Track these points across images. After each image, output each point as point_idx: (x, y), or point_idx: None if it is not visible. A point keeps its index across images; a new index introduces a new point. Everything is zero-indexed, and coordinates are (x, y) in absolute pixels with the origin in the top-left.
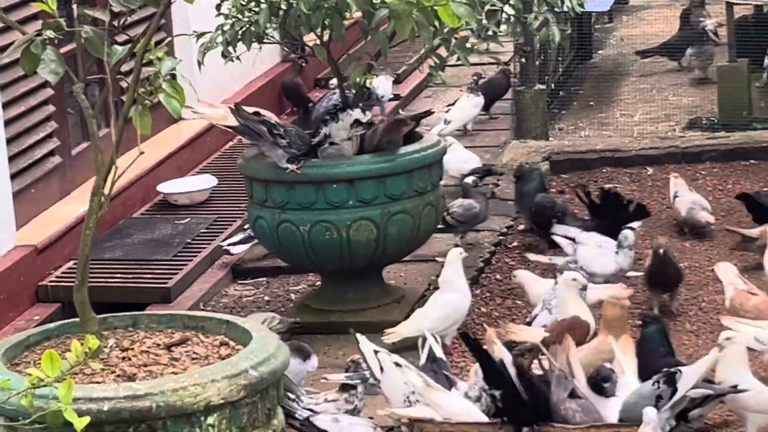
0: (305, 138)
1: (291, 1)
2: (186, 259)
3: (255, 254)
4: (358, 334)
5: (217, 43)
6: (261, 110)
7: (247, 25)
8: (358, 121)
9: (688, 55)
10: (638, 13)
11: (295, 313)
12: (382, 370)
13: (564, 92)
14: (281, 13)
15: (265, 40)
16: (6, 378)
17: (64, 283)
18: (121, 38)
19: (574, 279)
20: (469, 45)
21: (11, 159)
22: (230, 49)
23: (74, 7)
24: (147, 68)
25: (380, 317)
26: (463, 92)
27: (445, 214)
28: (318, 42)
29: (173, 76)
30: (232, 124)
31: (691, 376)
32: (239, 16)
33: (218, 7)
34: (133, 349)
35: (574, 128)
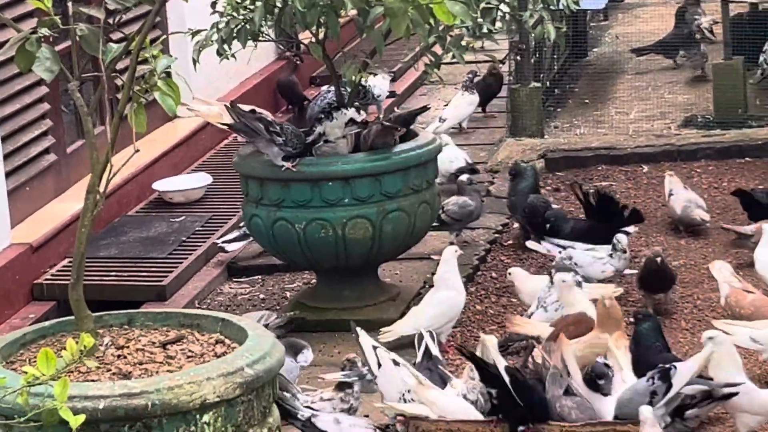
0: (301, 136)
1: None
2: (181, 257)
3: (250, 252)
4: (359, 328)
5: (212, 41)
6: (257, 108)
7: (243, 23)
8: (352, 120)
9: (680, 56)
10: (633, 11)
11: (290, 311)
12: (379, 366)
13: (559, 90)
14: (276, 10)
15: (261, 38)
16: (1, 376)
17: (60, 281)
18: (116, 36)
19: (564, 280)
20: (464, 43)
21: (6, 157)
22: (225, 46)
23: (69, 4)
24: (142, 66)
25: (376, 315)
26: (458, 90)
27: (441, 211)
28: (313, 40)
29: (168, 74)
30: (228, 122)
31: (685, 372)
32: (234, 13)
33: (213, 4)
34: (128, 347)
35: (570, 126)
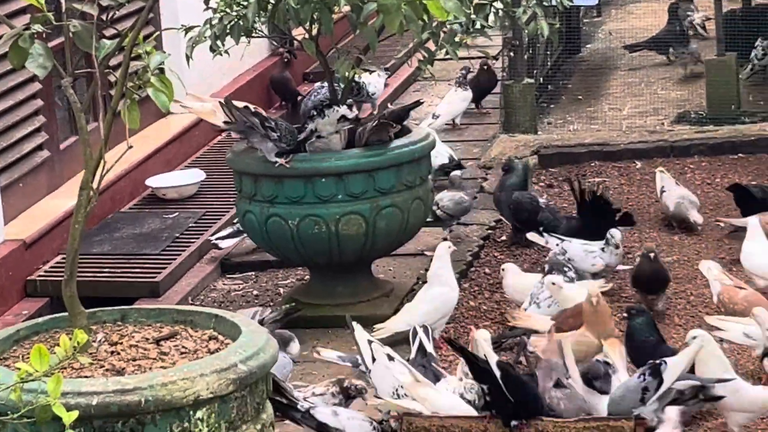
0: (294, 132)
1: None
2: (174, 253)
3: (244, 248)
4: (355, 323)
5: (205, 37)
6: (250, 105)
7: (236, 19)
8: (344, 117)
9: (671, 54)
10: (627, 7)
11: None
12: (374, 360)
13: (552, 86)
14: (270, 7)
15: (254, 34)
16: None
17: (53, 278)
18: (109, 32)
19: (554, 283)
20: (457, 39)
21: None
22: (219, 43)
23: (62, 1)
24: (135, 62)
25: (369, 311)
26: (452, 86)
27: (435, 207)
28: (307, 36)
29: (162, 70)
30: (219, 123)
31: (676, 367)
32: (228, 10)
33: (207, 1)
34: (121, 344)
35: (563, 122)
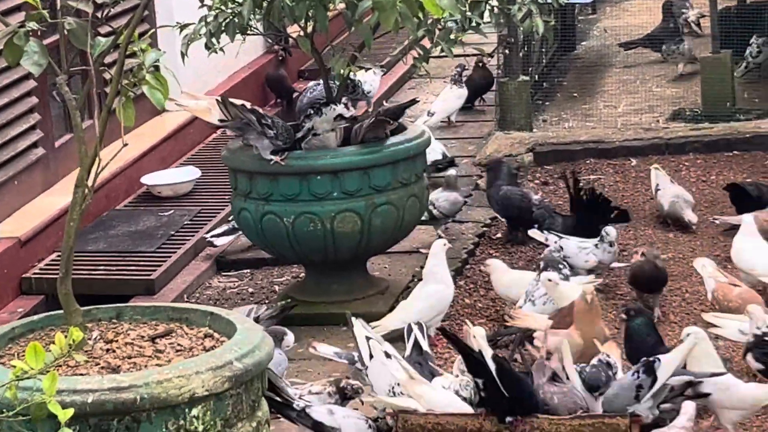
0: (291, 131)
1: None
2: (170, 251)
3: (239, 246)
4: (354, 318)
5: (200, 35)
6: (247, 103)
7: (231, 17)
8: (341, 116)
9: (663, 51)
10: (621, 4)
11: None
12: (371, 357)
13: (548, 83)
14: (265, 4)
15: (249, 32)
16: None
17: (48, 275)
18: (104, 30)
19: (550, 279)
20: (453, 36)
21: None
22: (214, 40)
23: None
24: (130, 60)
25: (364, 309)
26: (447, 84)
27: (431, 207)
28: (302, 33)
29: (157, 68)
30: (214, 121)
31: (669, 364)
32: (223, 7)
33: None
34: (117, 341)
35: (558, 119)
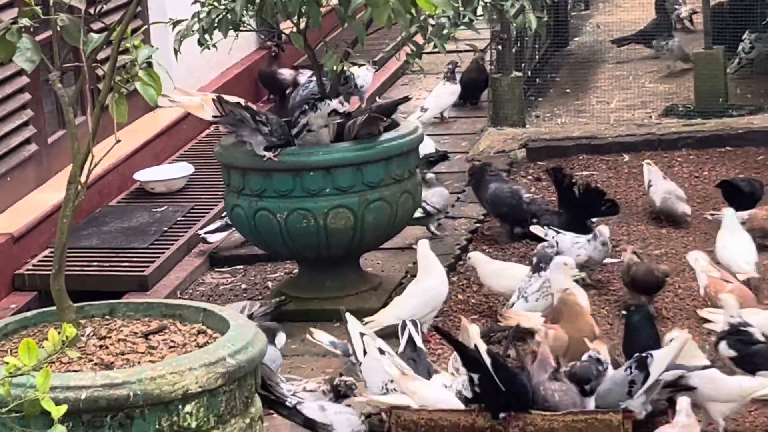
0: (285, 127)
1: None
2: (163, 247)
3: (232, 242)
4: (348, 314)
5: (193, 31)
6: (241, 100)
7: (224, 13)
8: (335, 111)
9: (654, 47)
10: (614, 0)
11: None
12: (365, 353)
13: (540, 79)
14: (258, 0)
15: (242, 28)
16: None
17: (41, 272)
18: (97, 26)
19: (566, 263)
20: (445, 32)
21: None
22: (206, 36)
23: None
24: (123, 56)
25: (358, 305)
26: (440, 80)
27: (425, 203)
28: (295, 29)
29: (149, 64)
30: (207, 117)
31: (662, 360)
32: (215, 3)
33: None
34: (110, 338)
35: (551, 115)
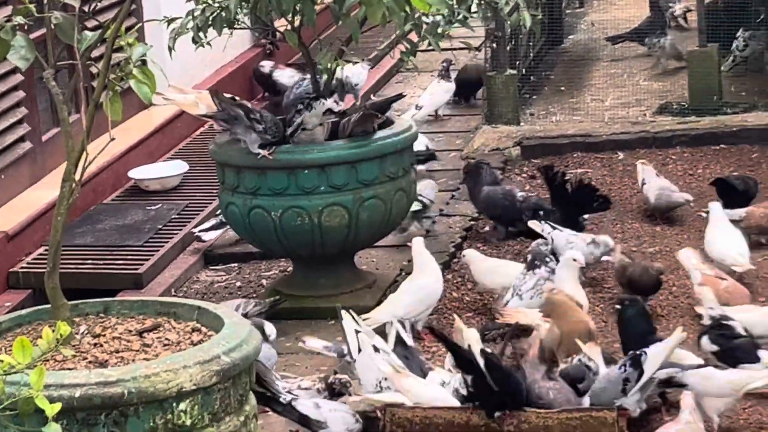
0: (280, 125)
1: None
2: (157, 245)
3: (227, 240)
4: (344, 311)
5: (187, 29)
6: (236, 97)
7: (218, 11)
8: (330, 110)
9: (647, 44)
10: None
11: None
12: (359, 350)
13: (535, 77)
14: None
15: (236, 26)
16: None
17: (35, 270)
18: (91, 24)
19: (575, 259)
20: (440, 30)
21: None
22: (201, 34)
23: None
24: (117, 54)
25: (352, 302)
26: (434, 78)
27: (420, 196)
28: (289, 27)
29: (144, 62)
30: (202, 113)
31: (656, 357)
32: (210, 1)
33: None
34: (104, 336)
35: (545, 113)
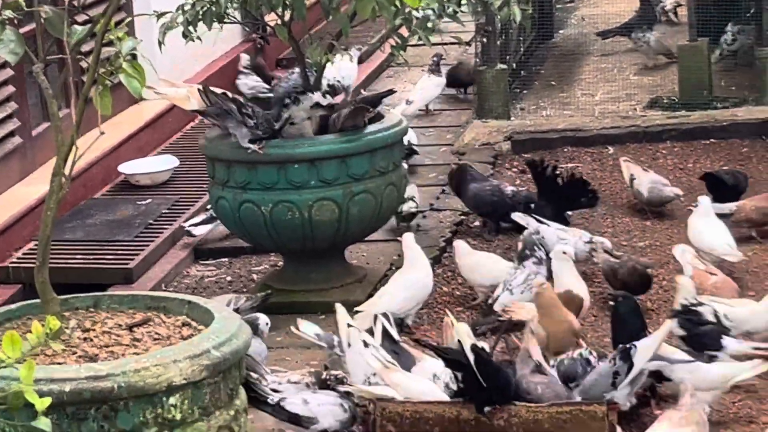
0: (271, 120)
1: None
2: (148, 239)
3: (217, 234)
4: (338, 304)
5: (177, 23)
6: (228, 92)
7: (208, 5)
8: (318, 104)
9: (632, 39)
10: None
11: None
12: (349, 345)
13: (525, 72)
14: None
15: (226, 20)
16: None
17: (25, 265)
18: (81, 18)
19: (564, 252)
20: (430, 25)
21: None
22: (191, 28)
23: None
24: (107, 48)
25: (343, 297)
26: (425, 72)
27: (414, 200)
28: (279, 22)
29: (134, 56)
30: (193, 107)
31: (646, 350)
32: None
33: None
34: (94, 330)
35: (536, 108)
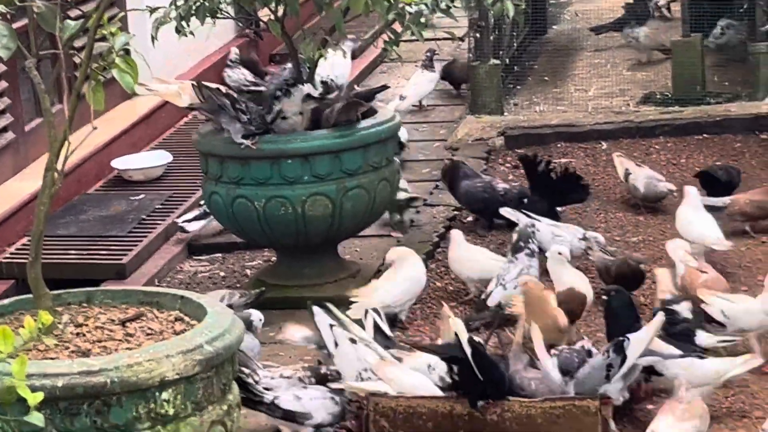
0: (263, 115)
1: None
2: (141, 235)
3: (210, 230)
4: (315, 307)
5: (170, 18)
6: (222, 87)
7: (201, 0)
8: (309, 96)
9: (623, 35)
10: None
11: (251, 289)
12: (336, 345)
13: (519, 67)
14: None
15: (219, 15)
16: None
17: (18, 260)
18: (73, 13)
19: (560, 252)
20: (423, 20)
21: None
22: (184, 24)
23: None
24: (100, 43)
25: (336, 292)
26: (418, 68)
27: (405, 188)
28: (272, 17)
29: (127, 52)
30: (185, 104)
31: (639, 343)
32: None
33: None
34: (87, 325)
35: (529, 103)
